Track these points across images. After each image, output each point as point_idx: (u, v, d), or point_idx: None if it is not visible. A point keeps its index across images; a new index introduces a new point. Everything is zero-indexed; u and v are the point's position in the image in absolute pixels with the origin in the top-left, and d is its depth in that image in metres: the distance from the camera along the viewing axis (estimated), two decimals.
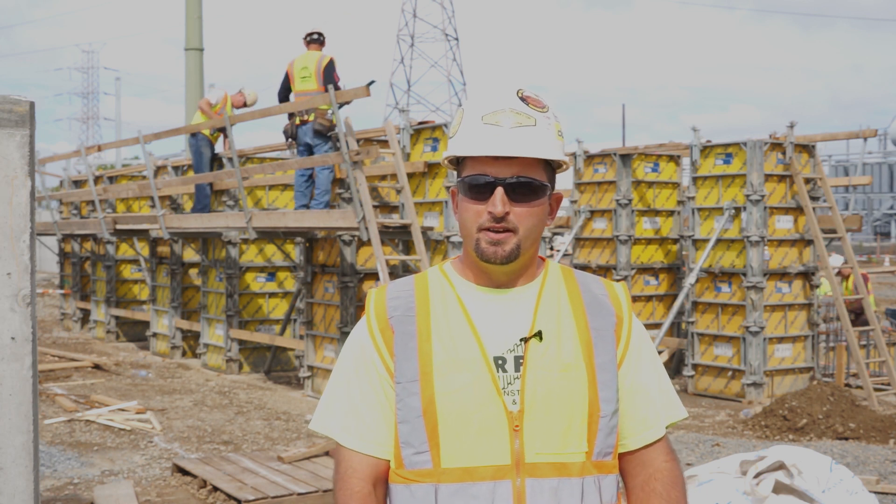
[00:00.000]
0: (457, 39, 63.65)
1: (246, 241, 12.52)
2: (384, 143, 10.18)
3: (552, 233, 13.47)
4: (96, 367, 12.60)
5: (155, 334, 14.49)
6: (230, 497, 6.27)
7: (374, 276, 10.30)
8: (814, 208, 10.82)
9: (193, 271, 13.98)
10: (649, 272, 12.45)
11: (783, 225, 10.87)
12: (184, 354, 13.97)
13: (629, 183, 12.08)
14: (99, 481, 7.01)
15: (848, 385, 10.87)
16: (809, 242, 11.00)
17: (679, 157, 12.56)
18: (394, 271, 9.99)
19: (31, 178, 2.25)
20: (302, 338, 11.59)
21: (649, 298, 12.42)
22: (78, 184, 17.58)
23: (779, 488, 3.89)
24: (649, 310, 12.39)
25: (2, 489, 2.20)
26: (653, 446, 1.89)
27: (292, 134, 10.10)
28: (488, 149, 1.77)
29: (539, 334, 1.80)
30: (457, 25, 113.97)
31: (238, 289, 12.52)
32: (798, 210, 10.91)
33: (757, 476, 3.94)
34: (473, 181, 1.79)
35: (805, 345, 11.02)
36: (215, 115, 11.96)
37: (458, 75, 73.74)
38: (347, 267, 10.30)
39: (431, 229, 9.86)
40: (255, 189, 12.40)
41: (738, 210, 10.70)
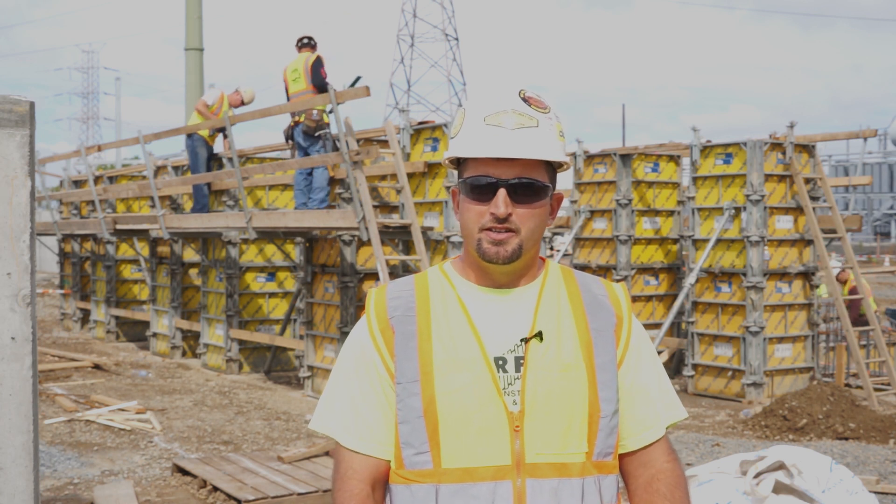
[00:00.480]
0: (457, 39, 63.68)
1: (246, 241, 12.52)
2: (384, 143, 10.19)
3: (552, 233, 13.47)
4: (96, 367, 12.60)
5: (155, 334, 14.49)
6: (230, 497, 6.27)
7: (374, 276, 10.30)
8: (814, 208, 10.81)
9: (193, 271, 13.98)
10: (649, 272, 12.45)
11: (783, 225, 10.87)
12: (184, 354, 13.97)
13: (629, 183, 12.08)
14: (99, 481, 7.01)
15: (848, 385, 10.87)
16: (809, 242, 11.00)
17: (679, 157, 12.56)
18: (394, 271, 9.99)
19: (31, 178, 2.25)
20: (302, 338, 11.58)
21: (649, 298, 12.42)
22: (78, 184, 17.58)
23: (779, 488, 3.89)
24: (649, 310, 12.39)
25: (2, 489, 2.20)
26: (653, 447, 1.89)
27: (290, 135, 10.36)
28: (491, 150, 1.76)
29: (539, 335, 1.80)
30: (457, 25, 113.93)
31: (238, 289, 12.52)
32: (798, 210, 10.91)
33: (757, 476, 3.94)
34: (476, 182, 1.78)
35: (805, 345, 11.02)
36: (212, 115, 12.00)
37: (458, 75, 73.73)
38: (347, 267, 10.30)
39: (431, 229, 9.86)
40: (255, 189, 12.41)
41: (738, 210, 10.70)
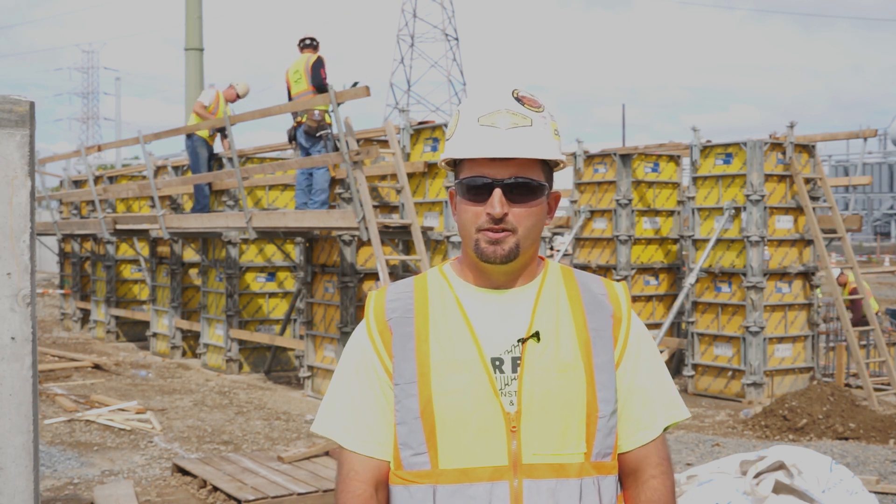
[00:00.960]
0: (457, 39, 63.66)
1: (246, 241, 12.52)
2: (384, 143, 10.19)
3: (552, 233, 13.45)
4: (96, 367, 12.61)
5: (155, 334, 14.50)
6: (230, 497, 6.27)
7: (374, 276, 10.30)
8: (814, 208, 10.81)
9: (193, 271, 13.98)
10: (649, 272, 12.45)
11: (783, 225, 10.87)
12: (184, 354, 13.97)
13: (629, 183, 12.07)
14: (99, 481, 7.01)
15: (848, 385, 10.87)
16: (809, 242, 11.00)
17: (679, 157, 12.56)
18: (394, 271, 9.99)
19: (31, 178, 2.25)
20: (302, 338, 11.58)
21: (649, 298, 12.42)
22: (78, 184, 17.58)
23: (779, 488, 3.89)
24: (649, 310, 12.39)
25: (2, 489, 2.20)
26: (645, 448, 1.87)
27: (293, 136, 10.39)
28: (485, 150, 1.77)
29: (537, 335, 1.80)
30: (457, 25, 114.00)
31: (238, 289, 12.52)
32: (798, 210, 10.91)
33: (757, 476, 3.94)
34: (471, 183, 1.79)
35: (805, 345, 11.01)
36: (210, 115, 12.04)
37: (458, 75, 73.79)
38: (347, 267, 10.30)
39: (431, 229, 9.86)
40: (255, 189, 12.42)
41: (738, 210, 10.70)
